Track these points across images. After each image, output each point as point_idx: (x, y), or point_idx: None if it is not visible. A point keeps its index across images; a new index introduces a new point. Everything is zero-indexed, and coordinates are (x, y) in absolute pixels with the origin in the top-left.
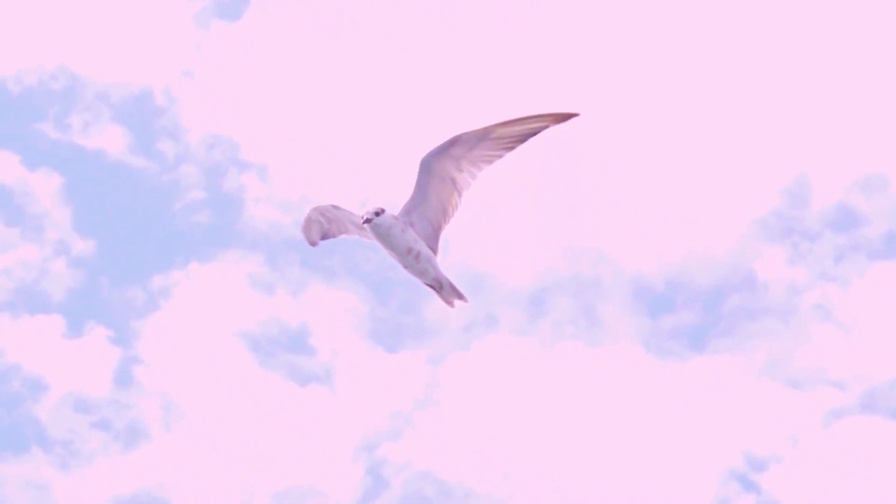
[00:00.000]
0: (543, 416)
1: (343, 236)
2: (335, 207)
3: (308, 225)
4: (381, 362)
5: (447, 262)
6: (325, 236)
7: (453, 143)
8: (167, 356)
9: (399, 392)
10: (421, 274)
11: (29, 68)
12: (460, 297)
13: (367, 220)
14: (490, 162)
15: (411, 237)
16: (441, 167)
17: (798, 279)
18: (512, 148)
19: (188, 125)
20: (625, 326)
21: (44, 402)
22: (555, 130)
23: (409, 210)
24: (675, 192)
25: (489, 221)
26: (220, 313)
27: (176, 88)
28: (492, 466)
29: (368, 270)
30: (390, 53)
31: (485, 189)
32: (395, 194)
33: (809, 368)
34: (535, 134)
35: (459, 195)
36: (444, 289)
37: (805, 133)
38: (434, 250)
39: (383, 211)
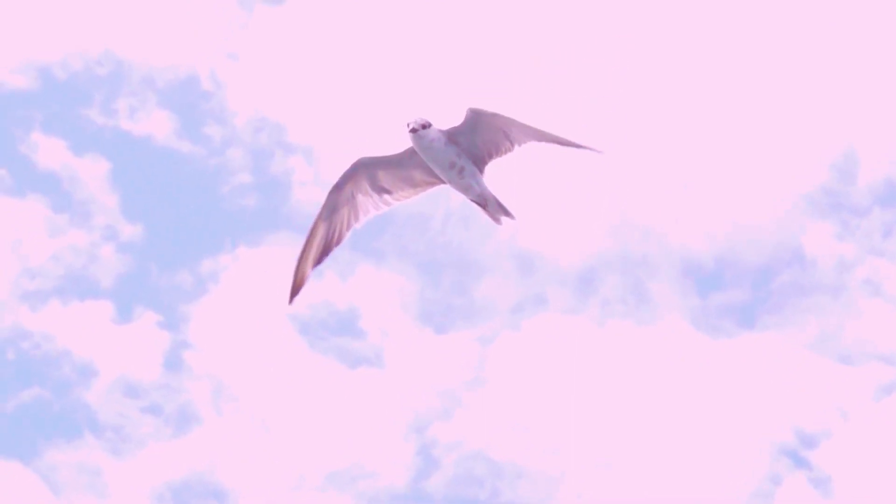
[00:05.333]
0: (593, 395)
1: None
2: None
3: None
4: (430, 343)
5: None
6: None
7: (499, 117)
8: (217, 340)
9: (449, 372)
10: (465, 189)
11: (75, 54)
12: (507, 213)
13: (413, 130)
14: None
15: (454, 152)
16: (490, 122)
17: (847, 254)
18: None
19: (234, 109)
20: (674, 304)
21: (94, 387)
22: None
23: (455, 133)
24: (722, 168)
25: (537, 201)
26: (269, 297)
27: (222, 72)
28: (542, 445)
29: (417, 251)
30: (437, 34)
31: (532, 168)
32: None
33: (859, 343)
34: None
35: (512, 145)
36: (490, 205)
37: (852, 108)
38: (481, 172)
39: (430, 125)
